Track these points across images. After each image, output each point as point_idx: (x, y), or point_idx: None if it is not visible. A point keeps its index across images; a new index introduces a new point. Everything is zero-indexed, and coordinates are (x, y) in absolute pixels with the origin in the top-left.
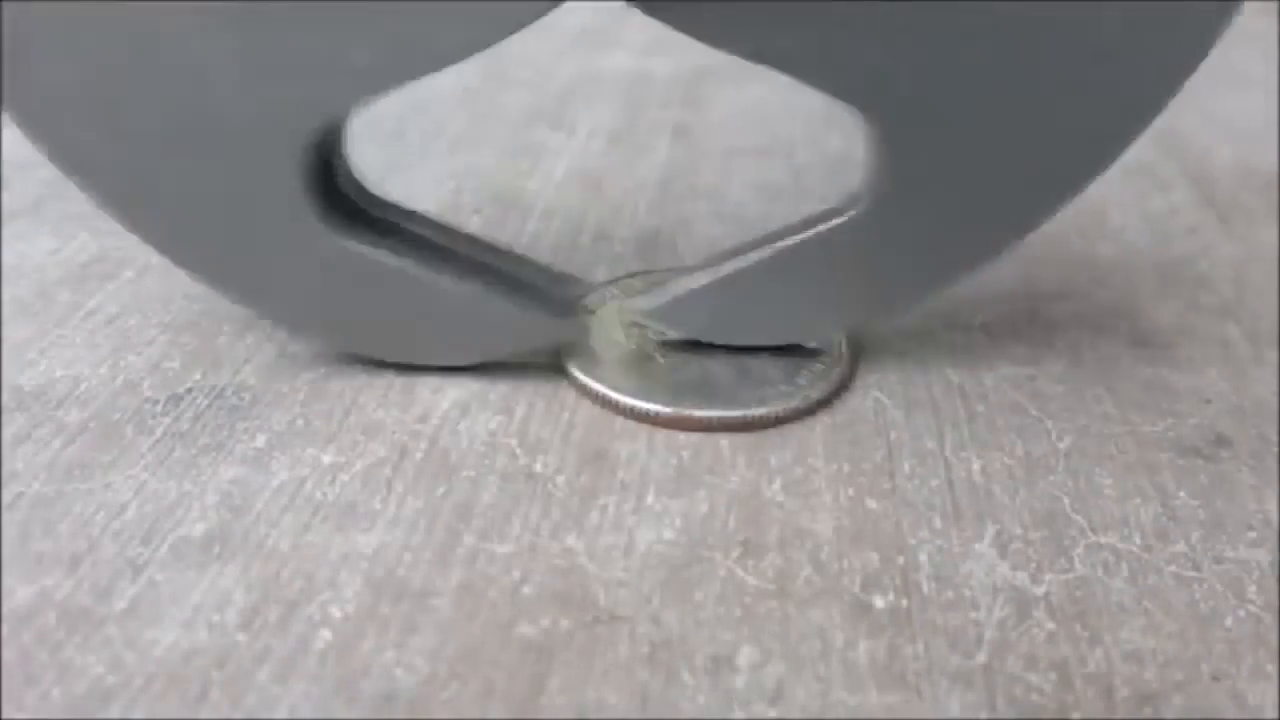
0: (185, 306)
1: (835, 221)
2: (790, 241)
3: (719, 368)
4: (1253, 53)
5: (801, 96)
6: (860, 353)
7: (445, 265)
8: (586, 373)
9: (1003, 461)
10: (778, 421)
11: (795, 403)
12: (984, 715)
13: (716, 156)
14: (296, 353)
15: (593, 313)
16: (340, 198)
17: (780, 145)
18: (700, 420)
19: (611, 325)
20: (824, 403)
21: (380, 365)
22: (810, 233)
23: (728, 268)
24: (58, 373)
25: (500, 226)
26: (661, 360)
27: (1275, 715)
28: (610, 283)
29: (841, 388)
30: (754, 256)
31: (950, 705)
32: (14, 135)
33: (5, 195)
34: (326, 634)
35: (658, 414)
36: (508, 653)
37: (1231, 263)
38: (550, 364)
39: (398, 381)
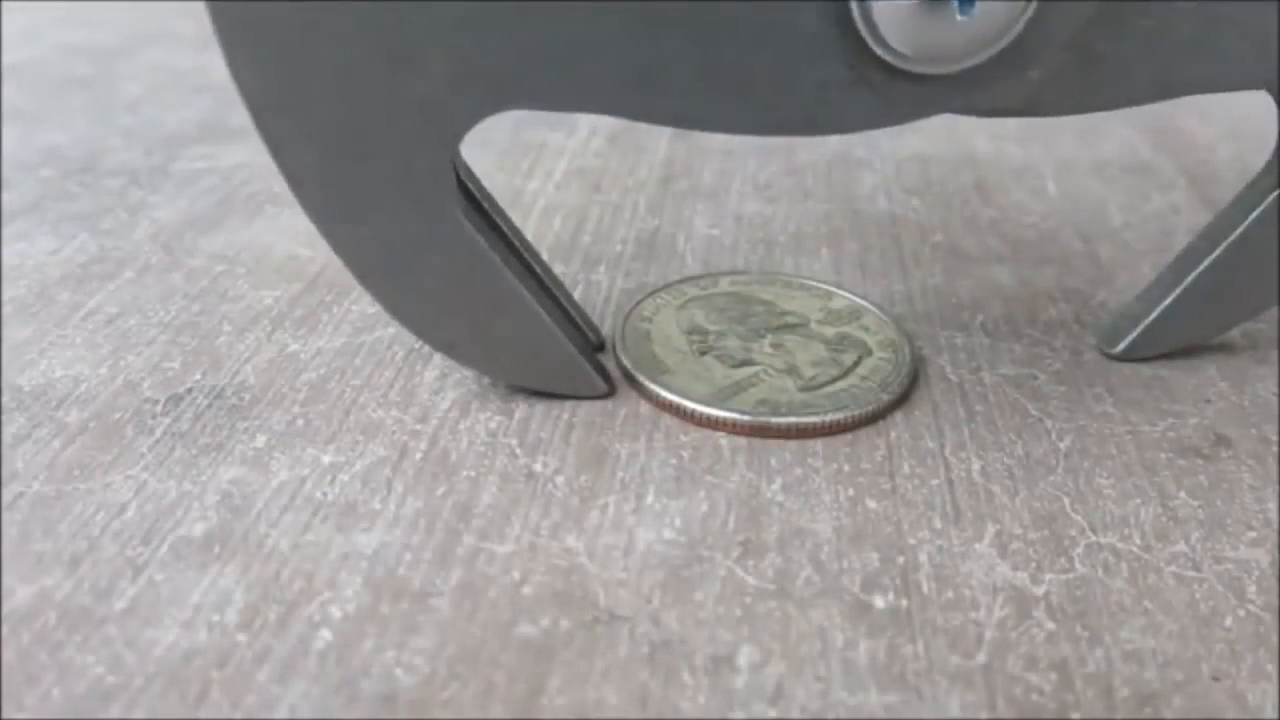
0: (185, 306)
1: (1269, 200)
2: (1234, 235)
3: (772, 373)
4: None
5: None
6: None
7: (539, 292)
8: (653, 380)
9: (1003, 461)
10: (856, 424)
11: (871, 406)
12: (984, 715)
13: (716, 156)
14: (296, 352)
15: (650, 320)
16: (467, 193)
17: (780, 145)
18: (780, 427)
19: (671, 331)
20: (897, 403)
21: (380, 365)
22: (1250, 219)
23: (1185, 282)
24: (58, 373)
25: None
26: (721, 365)
27: (1275, 715)
28: (663, 288)
29: (911, 387)
30: (1207, 262)
31: (950, 705)
32: (14, 135)
33: (5, 195)
34: (326, 634)
35: (736, 422)
36: (508, 653)
37: None
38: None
39: (398, 381)
